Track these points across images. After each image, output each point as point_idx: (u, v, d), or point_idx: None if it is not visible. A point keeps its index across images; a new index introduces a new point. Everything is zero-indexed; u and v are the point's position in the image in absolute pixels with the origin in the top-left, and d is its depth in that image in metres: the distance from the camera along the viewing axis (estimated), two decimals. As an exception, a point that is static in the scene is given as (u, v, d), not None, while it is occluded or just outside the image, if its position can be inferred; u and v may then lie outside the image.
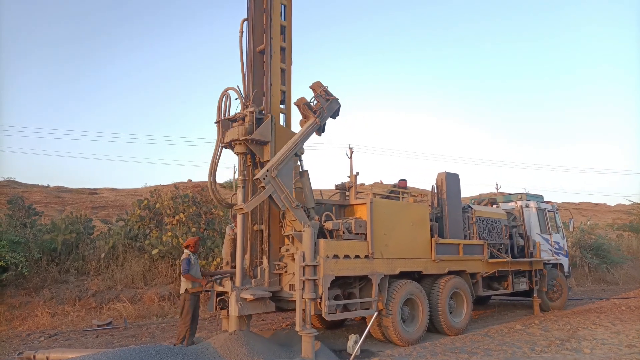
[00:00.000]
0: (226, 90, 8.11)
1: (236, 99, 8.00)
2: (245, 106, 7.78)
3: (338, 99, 8.04)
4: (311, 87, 8.04)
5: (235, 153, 7.86)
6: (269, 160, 7.50)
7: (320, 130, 7.92)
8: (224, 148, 8.11)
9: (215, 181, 8.19)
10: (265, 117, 7.91)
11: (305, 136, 7.62)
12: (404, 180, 10.26)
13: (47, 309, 10.80)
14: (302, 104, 7.76)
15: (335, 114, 8.06)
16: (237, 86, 8.09)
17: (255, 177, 7.22)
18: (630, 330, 8.98)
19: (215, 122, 8.22)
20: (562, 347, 7.69)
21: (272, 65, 8.14)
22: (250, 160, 8.00)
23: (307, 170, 7.90)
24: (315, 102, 7.83)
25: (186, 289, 7.33)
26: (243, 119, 7.68)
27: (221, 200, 8.33)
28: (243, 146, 7.65)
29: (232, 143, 7.74)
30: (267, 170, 7.00)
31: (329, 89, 7.97)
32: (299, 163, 7.86)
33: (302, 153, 7.84)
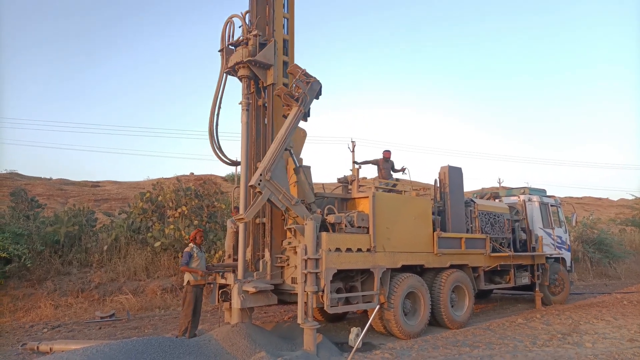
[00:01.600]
0: (230, 17, 8.02)
1: (240, 27, 7.92)
2: (249, 31, 7.74)
3: (318, 80, 7.74)
4: (289, 72, 7.87)
5: (238, 77, 7.86)
6: (271, 84, 7.68)
7: (305, 116, 7.75)
8: (228, 75, 8.09)
9: (217, 125, 8.02)
10: (269, 41, 7.89)
11: (291, 129, 7.39)
12: (387, 151, 10.25)
13: (50, 300, 10.85)
14: (284, 94, 7.53)
15: (318, 95, 7.81)
16: (241, 12, 7.99)
17: (249, 184, 7.07)
18: (632, 324, 8.98)
19: (219, 51, 8.15)
20: (563, 341, 7.70)
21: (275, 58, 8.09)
22: (254, 86, 8.00)
23: (302, 166, 7.73)
24: (296, 87, 7.59)
25: (188, 281, 7.35)
26: (247, 43, 7.67)
27: (220, 153, 8.13)
28: (247, 69, 7.67)
29: (236, 67, 7.75)
30: (261, 175, 6.83)
31: (307, 70, 7.72)
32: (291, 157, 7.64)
33: (292, 147, 7.56)
